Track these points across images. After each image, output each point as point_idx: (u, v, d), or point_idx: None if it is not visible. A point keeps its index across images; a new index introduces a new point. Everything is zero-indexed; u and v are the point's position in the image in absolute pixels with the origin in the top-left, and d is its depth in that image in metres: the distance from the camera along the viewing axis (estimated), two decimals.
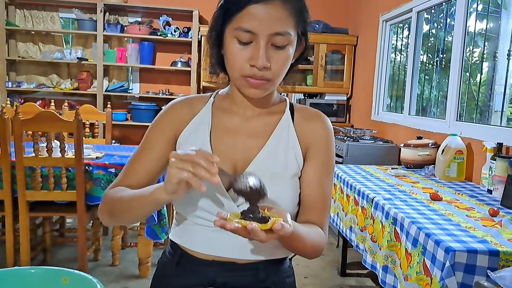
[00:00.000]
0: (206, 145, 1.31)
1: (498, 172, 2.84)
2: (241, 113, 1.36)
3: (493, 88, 3.64)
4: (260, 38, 1.16)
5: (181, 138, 1.35)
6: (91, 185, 3.39)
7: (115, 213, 1.31)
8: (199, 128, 1.34)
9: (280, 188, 1.30)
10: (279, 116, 1.38)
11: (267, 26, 1.16)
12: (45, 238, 3.92)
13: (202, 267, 1.33)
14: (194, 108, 1.38)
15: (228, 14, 1.19)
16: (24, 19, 6.45)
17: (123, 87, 6.49)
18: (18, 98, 6.36)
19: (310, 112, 1.42)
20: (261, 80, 1.21)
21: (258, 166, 1.29)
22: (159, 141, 1.35)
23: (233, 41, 1.19)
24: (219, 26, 1.23)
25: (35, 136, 3.25)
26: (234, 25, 1.18)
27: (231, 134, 1.34)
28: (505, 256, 1.85)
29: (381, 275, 2.48)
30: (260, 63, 1.16)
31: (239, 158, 1.32)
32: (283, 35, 1.18)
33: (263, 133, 1.35)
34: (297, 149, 1.35)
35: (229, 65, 1.24)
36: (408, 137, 4.26)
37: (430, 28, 4.76)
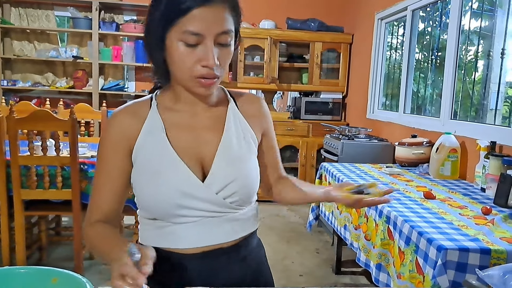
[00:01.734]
0: (166, 146, 1.32)
1: (492, 171, 2.85)
2: (190, 110, 1.38)
3: (488, 87, 3.65)
4: (207, 39, 1.20)
5: (137, 145, 1.33)
6: (86, 184, 3.39)
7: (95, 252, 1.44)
8: (153, 132, 1.34)
9: (249, 168, 1.39)
10: (225, 106, 1.45)
11: (213, 27, 1.20)
12: (40, 236, 3.92)
13: (193, 261, 1.34)
14: (139, 114, 1.37)
15: (170, 18, 1.21)
16: (19, 17, 6.44)
17: (119, 85, 6.49)
18: (14, 97, 6.35)
19: (247, 96, 1.53)
20: (213, 78, 1.25)
21: (224, 155, 1.35)
22: (115, 158, 1.34)
23: (179, 44, 1.21)
24: (160, 30, 1.24)
25: (30, 135, 3.25)
26: (179, 29, 1.20)
27: (187, 130, 1.36)
28: (496, 255, 1.86)
29: (375, 273, 2.49)
30: (211, 63, 1.21)
31: (203, 151, 1.35)
32: (227, 33, 1.23)
33: (217, 124, 1.40)
34: (249, 130, 1.45)
35: (177, 67, 1.26)
36: (403, 135, 4.27)
37: (425, 26, 4.78)
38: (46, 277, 0.95)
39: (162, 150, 1.31)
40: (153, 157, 1.31)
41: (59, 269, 0.96)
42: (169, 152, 1.31)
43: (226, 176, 1.33)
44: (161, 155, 1.31)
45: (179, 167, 1.30)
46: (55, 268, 0.96)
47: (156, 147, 1.32)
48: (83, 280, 0.91)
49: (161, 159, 1.30)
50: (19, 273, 0.96)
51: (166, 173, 1.29)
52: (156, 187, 1.29)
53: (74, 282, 0.92)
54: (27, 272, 0.97)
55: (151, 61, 1.34)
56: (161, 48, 1.27)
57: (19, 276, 0.96)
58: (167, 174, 1.29)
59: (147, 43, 1.31)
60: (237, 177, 1.34)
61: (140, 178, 1.33)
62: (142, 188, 1.32)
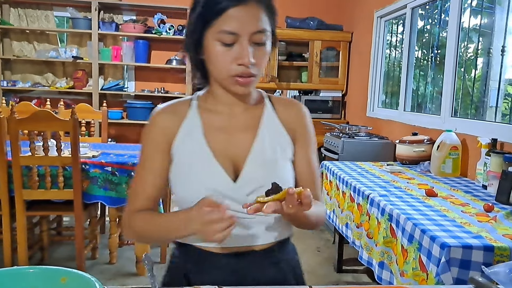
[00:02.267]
0: (204, 147, 1.35)
1: (493, 168, 2.85)
2: (227, 111, 1.41)
3: (488, 84, 3.65)
4: (243, 38, 1.24)
5: (175, 144, 1.38)
6: (88, 184, 3.40)
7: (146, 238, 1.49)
8: (192, 131, 1.38)
9: (281, 173, 1.39)
10: (261, 108, 1.46)
11: (248, 26, 1.23)
12: (42, 236, 3.92)
13: (224, 260, 1.37)
14: (180, 113, 1.41)
15: (207, 19, 1.25)
16: (18, 17, 6.43)
17: (119, 85, 6.49)
18: (14, 97, 6.35)
19: (286, 101, 1.52)
20: (249, 77, 1.28)
21: (256, 157, 1.37)
22: (156, 155, 1.39)
23: (216, 44, 1.25)
24: (198, 31, 1.28)
25: (31, 135, 3.25)
26: (215, 29, 1.24)
27: (223, 132, 1.39)
28: (500, 252, 1.86)
29: (377, 271, 2.49)
30: (247, 61, 1.24)
31: (236, 153, 1.37)
32: (262, 32, 1.26)
33: (252, 126, 1.41)
34: (285, 135, 1.44)
35: (215, 67, 1.30)
36: (404, 133, 4.27)
37: (425, 24, 4.78)
38: (55, 276, 0.95)
39: (199, 150, 1.35)
40: (190, 157, 1.36)
41: (68, 269, 0.96)
42: (206, 153, 1.35)
43: (258, 179, 1.34)
44: (198, 155, 1.35)
45: (213, 167, 1.33)
46: (63, 268, 0.97)
47: (193, 147, 1.36)
48: (92, 280, 0.92)
49: (198, 159, 1.35)
50: (28, 273, 0.97)
51: (201, 173, 1.34)
52: (190, 185, 1.34)
53: (83, 281, 0.92)
54: (36, 272, 0.97)
55: (191, 63, 1.40)
56: (200, 49, 1.32)
57: (28, 276, 0.96)
58: (202, 174, 1.34)
59: (187, 45, 1.36)
60: (268, 181, 1.30)
61: (176, 176, 1.38)
62: (178, 186, 1.38)
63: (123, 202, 3.42)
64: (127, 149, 4.04)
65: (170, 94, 6.57)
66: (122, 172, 3.40)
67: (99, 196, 3.43)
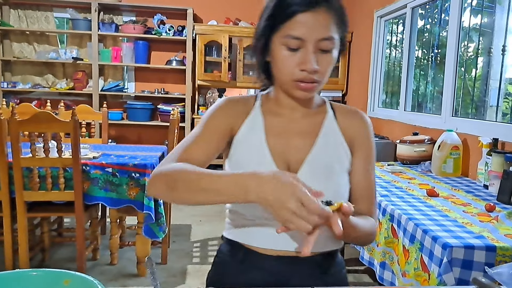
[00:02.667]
0: (264, 147, 1.36)
1: (494, 168, 2.85)
2: (288, 115, 1.42)
3: (488, 83, 3.65)
4: (309, 44, 1.23)
5: (238, 137, 1.39)
6: (89, 185, 3.39)
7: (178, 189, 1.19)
8: (254, 129, 1.39)
9: (336, 183, 1.37)
10: (323, 115, 1.45)
11: (315, 32, 1.23)
12: (43, 238, 3.92)
13: (267, 263, 1.37)
14: (247, 108, 1.43)
15: (276, 23, 1.26)
16: (18, 19, 6.44)
17: (119, 86, 6.50)
18: (14, 99, 6.36)
19: (348, 109, 1.49)
20: (311, 83, 1.27)
21: (312, 164, 1.36)
22: (218, 130, 1.38)
23: (282, 48, 1.26)
24: (266, 35, 1.29)
25: (32, 136, 3.25)
26: (282, 33, 1.25)
27: (282, 135, 1.39)
28: (502, 252, 1.86)
29: (379, 271, 2.49)
30: (310, 67, 1.24)
31: (292, 158, 1.37)
32: (329, 40, 1.25)
33: (311, 132, 1.41)
34: (344, 145, 1.42)
35: (279, 70, 1.31)
36: (404, 133, 4.27)
37: (425, 24, 4.78)
38: (58, 279, 0.95)
39: (258, 150, 1.36)
40: (249, 154, 1.36)
41: (71, 272, 0.96)
42: (265, 154, 1.35)
43: (311, 186, 1.26)
44: (256, 155, 1.36)
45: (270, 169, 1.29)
46: (67, 271, 0.96)
47: (253, 146, 1.37)
48: (95, 282, 0.91)
49: (256, 159, 1.35)
50: (31, 276, 0.96)
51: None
52: None
53: (86, 284, 0.92)
54: (39, 275, 0.97)
55: (257, 64, 1.41)
56: (266, 52, 1.33)
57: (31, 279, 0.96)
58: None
59: (254, 46, 1.37)
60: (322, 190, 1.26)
61: (232, 170, 1.37)
62: None
63: (123, 203, 3.42)
64: (128, 150, 4.04)
65: (170, 94, 6.58)
66: (123, 173, 3.39)
67: (99, 197, 3.43)
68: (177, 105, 6.40)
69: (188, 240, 4.63)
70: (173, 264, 3.98)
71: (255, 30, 1.35)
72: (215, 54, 6.57)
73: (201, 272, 3.87)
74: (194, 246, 4.47)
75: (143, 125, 6.57)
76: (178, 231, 4.82)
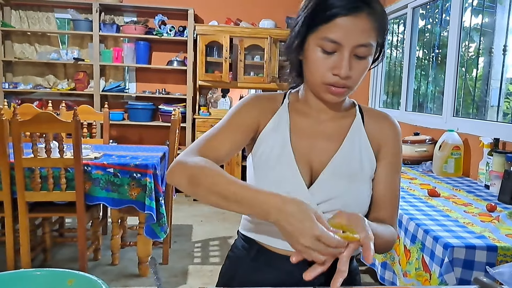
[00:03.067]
0: (287, 146, 1.34)
1: (495, 168, 2.85)
2: (315, 116, 1.39)
3: (489, 83, 3.65)
4: (345, 49, 1.20)
5: (263, 133, 1.38)
6: (90, 185, 3.40)
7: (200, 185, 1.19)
8: (279, 127, 1.37)
9: (358, 190, 1.34)
10: (351, 119, 1.42)
11: (353, 38, 1.19)
12: (45, 238, 3.93)
13: (280, 262, 1.35)
14: (275, 105, 1.41)
15: (314, 23, 1.22)
16: (19, 20, 6.44)
17: (120, 87, 6.49)
18: (15, 99, 6.36)
19: (377, 114, 1.46)
20: (342, 88, 1.24)
21: (335, 168, 1.33)
22: (244, 124, 1.37)
23: (317, 49, 1.23)
24: (303, 34, 1.26)
25: (34, 137, 3.25)
26: (319, 35, 1.21)
27: (307, 136, 1.37)
28: (503, 251, 1.86)
29: (380, 271, 2.49)
30: (343, 73, 1.20)
31: (315, 160, 1.35)
32: (366, 47, 1.21)
33: (337, 136, 1.38)
34: (369, 151, 1.39)
35: (310, 71, 1.27)
36: (405, 133, 4.27)
37: (426, 24, 4.78)
38: (61, 279, 0.96)
39: (282, 149, 1.33)
40: (273, 153, 1.34)
41: (75, 271, 0.96)
42: (288, 154, 1.33)
43: (331, 190, 1.30)
44: (280, 154, 1.33)
45: (292, 169, 1.31)
46: (70, 270, 0.97)
47: (278, 145, 1.35)
48: (98, 282, 0.92)
49: (279, 157, 1.33)
50: (35, 276, 0.97)
51: (278, 171, 1.31)
52: (264, 180, 1.32)
53: (90, 284, 0.93)
54: (43, 275, 0.97)
55: (289, 61, 1.38)
56: (300, 50, 1.29)
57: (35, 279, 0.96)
58: (279, 173, 1.31)
59: (288, 44, 1.33)
60: (342, 195, 1.29)
61: (255, 168, 1.37)
62: (255, 179, 1.35)
63: (125, 203, 3.43)
64: (129, 150, 4.04)
65: (171, 95, 6.58)
66: (124, 173, 3.40)
67: (101, 197, 3.43)
68: (178, 106, 6.40)
69: (189, 240, 4.64)
70: (174, 264, 3.99)
71: (291, 26, 1.32)
72: (216, 54, 6.57)
73: (202, 272, 3.87)
74: (195, 246, 4.48)
75: (144, 125, 6.57)
76: (180, 231, 4.82)
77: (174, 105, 6.43)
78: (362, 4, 1.19)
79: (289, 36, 1.34)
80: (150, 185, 3.38)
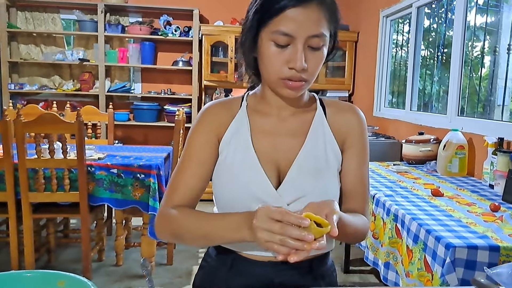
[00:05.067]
0: (249, 148, 1.32)
1: (500, 167, 2.83)
2: (276, 114, 1.38)
3: (495, 83, 3.63)
4: (298, 41, 1.18)
5: (223, 141, 1.36)
6: (94, 186, 3.41)
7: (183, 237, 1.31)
8: (239, 131, 1.35)
9: (326, 185, 1.33)
10: (312, 113, 1.40)
11: (305, 29, 1.17)
12: (49, 239, 3.94)
13: (258, 269, 1.33)
14: (231, 111, 1.39)
15: (264, 18, 1.20)
16: (25, 21, 6.46)
17: (125, 87, 6.50)
18: (21, 100, 6.38)
19: (341, 105, 1.45)
20: (299, 81, 1.22)
21: (301, 165, 1.32)
22: (205, 147, 1.36)
23: (270, 44, 1.21)
24: (254, 29, 1.23)
25: (37, 138, 3.26)
26: (271, 29, 1.19)
27: (270, 136, 1.35)
28: (506, 252, 1.85)
29: (383, 271, 2.48)
30: (299, 65, 1.18)
31: (281, 158, 1.33)
32: (319, 37, 1.19)
33: (300, 132, 1.37)
34: (334, 144, 1.38)
35: (265, 67, 1.25)
36: (410, 132, 4.26)
37: (431, 23, 4.76)
38: (52, 280, 0.95)
39: (244, 153, 1.32)
40: (235, 158, 1.32)
41: (65, 273, 0.96)
42: (251, 156, 1.31)
43: (300, 188, 1.29)
44: (242, 158, 1.32)
45: (257, 172, 1.30)
46: (61, 272, 0.96)
47: (239, 149, 1.33)
48: (88, 284, 0.91)
49: (242, 162, 1.31)
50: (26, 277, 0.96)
51: (244, 176, 1.30)
52: (232, 188, 1.30)
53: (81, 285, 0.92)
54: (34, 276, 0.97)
55: (244, 61, 1.35)
56: (254, 48, 1.27)
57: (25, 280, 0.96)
58: (245, 178, 1.30)
59: (241, 42, 1.31)
60: (311, 192, 1.28)
61: (219, 176, 1.35)
62: (218, 185, 1.34)
63: (128, 204, 3.43)
64: (133, 151, 4.05)
65: (176, 95, 6.58)
66: (128, 174, 3.40)
67: (104, 198, 3.44)
68: (183, 106, 6.40)
69: None
70: (178, 265, 3.99)
71: (243, 24, 1.29)
72: (221, 54, 6.56)
73: None
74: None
75: (150, 125, 6.57)
76: None
77: (180, 105, 6.43)
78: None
79: (241, 34, 1.31)
80: (153, 186, 3.38)
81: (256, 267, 1.33)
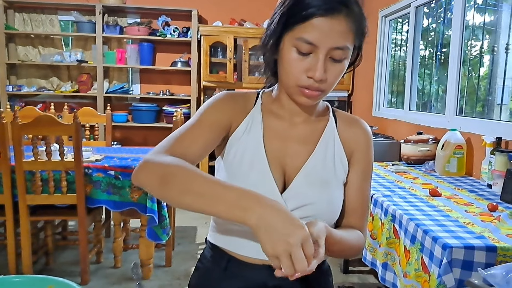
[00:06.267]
0: (261, 150, 1.30)
1: (498, 167, 2.82)
2: (288, 118, 1.36)
3: (494, 82, 3.62)
4: (320, 50, 1.16)
5: (235, 135, 1.33)
6: (91, 188, 3.40)
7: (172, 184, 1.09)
8: (252, 129, 1.33)
9: (331, 196, 1.31)
10: (324, 123, 1.39)
11: (329, 40, 1.15)
12: (47, 241, 3.93)
13: (252, 271, 1.32)
14: (246, 106, 1.37)
15: (290, 22, 1.18)
16: (23, 22, 6.46)
17: (124, 88, 6.50)
18: (19, 102, 6.38)
19: (350, 118, 1.43)
20: (316, 91, 1.21)
21: (308, 173, 1.30)
22: (216, 123, 1.30)
23: (292, 50, 1.19)
24: (278, 32, 1.22)
25: (34, 140, 3.25)
26: (295, 35, 1.17)
27: (280, 139, 1.34)
28: (503, 252, 1.84)
29: (381, 272, 2.47)
30: (318, 76, 1.16)
31: (289, 163, 1.32)
32: (342, 50, 1.18)
33: (311, 140, 1.35)
34: (342, 155, 1.37)
35: (285, 72, 1.23)
36: (409, 132, 4.25)
37: (430, 23, 4.75)
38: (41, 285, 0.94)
39: (255, 152, 1.30)
40: (246, 157, 1.30)
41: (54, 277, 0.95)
42: (261, 157, 1.29)
43: (305, 196, 1.28)
44: (252, 157, 1.29)
45: (265, 175, 1.28)
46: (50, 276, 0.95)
47: (250, 147, 1.31)
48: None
49: (252, 161, 1.29)
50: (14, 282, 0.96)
51: (251, 177, 1.28)
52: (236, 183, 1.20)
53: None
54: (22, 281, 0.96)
55: (264, 60, 1.34)
56: (275, 50, 1.25)
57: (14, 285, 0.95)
58: (251, 177, 1.27)
59: (264, 42, 1.29)
60: (315, 202, 1.27)
61: (225, 172, 1.32)
62: (223, 178, 1.31)
63: (126, 206, 3.42)
64: (131, 152, 4.04)
65: (175, 96, 6.58)
66: (126, 176, 3.39)
67: (102, 200, 3.43)
68: (182, 107, 6.39)
69: (193, 242, 4.62)
70: (177, 267, 3.98)
71: (268, 24, 1.28)
72: (220, 55, 6.55)
73: None
74: (199, 248, 4.46)
75: (149, 127, 6.56)
76: (183, 233, 4.81)
77: (179, 106, 6.43)
78: (340, 6, 1.15)
79: (264, 34, 1.29)
80: None
81: (251, 270, 1.32)
